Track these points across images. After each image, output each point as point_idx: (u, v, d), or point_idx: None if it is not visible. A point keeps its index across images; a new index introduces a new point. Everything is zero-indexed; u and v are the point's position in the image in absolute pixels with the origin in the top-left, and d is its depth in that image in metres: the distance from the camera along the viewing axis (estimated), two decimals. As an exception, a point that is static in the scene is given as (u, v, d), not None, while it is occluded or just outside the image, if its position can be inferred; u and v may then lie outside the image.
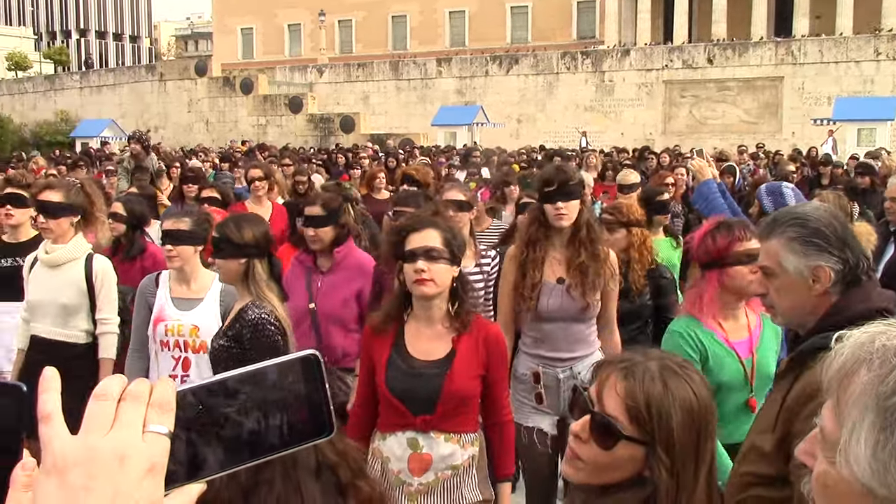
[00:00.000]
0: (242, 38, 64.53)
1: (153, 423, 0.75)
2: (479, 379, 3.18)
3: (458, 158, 16.65)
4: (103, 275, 4.43)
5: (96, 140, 31.57)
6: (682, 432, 1.67)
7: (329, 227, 4.55)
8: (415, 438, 3.15)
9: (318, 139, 33.96)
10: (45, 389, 0.76)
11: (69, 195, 4.40)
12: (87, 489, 0.71)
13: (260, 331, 3.56)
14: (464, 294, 3.20)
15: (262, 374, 0.83)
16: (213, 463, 0.80)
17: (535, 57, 40.80)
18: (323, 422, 0.85)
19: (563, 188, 3.89)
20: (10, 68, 68.94)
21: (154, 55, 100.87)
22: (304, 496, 1.35)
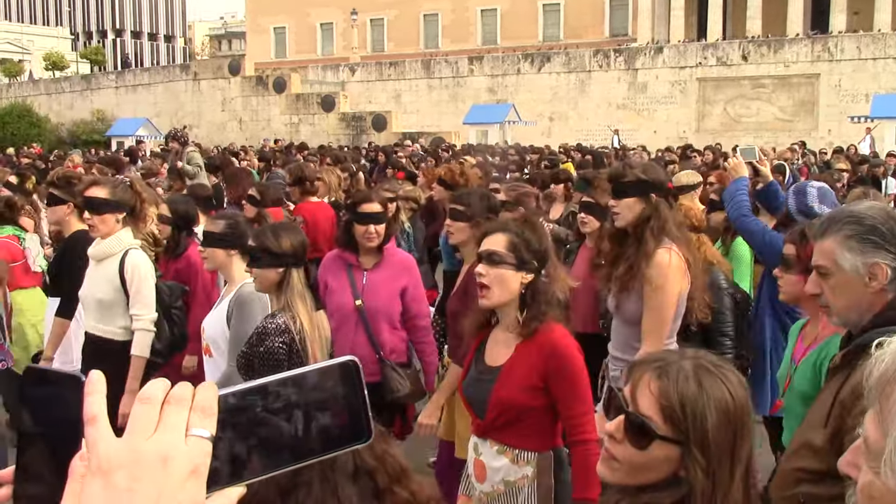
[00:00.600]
0: (275, 38, 64.92)
1: (196, 427, 0.76)
2: (536, 391, 3.03)
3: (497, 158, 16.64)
4: (134, 270, 4.38)
5: (131, 139, 31.93)
6: (717, 432, 1.66)
7: (384, 224, 4.54)
8: (476, 443, 3.15)
9: (349, 138, 34.07)
10: (90, 392, 0.76)
11: (115, 192, 4.42)
12: (131, 491, 0.72)
13: (262, 341, 3.58)
14: (533, 301, 3.07)
15: (302, 378, 0.84)
16: (253, 466, 0.81)
17: (567, 55, 40.64)
18: (361, 427, 0.86)
19: (615, 185, 3.86)
20: (47, 68, 69.95)
21: (188, 55, 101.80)
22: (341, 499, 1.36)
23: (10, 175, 9.25)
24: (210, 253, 4.12)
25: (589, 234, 5.18)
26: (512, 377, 3.03)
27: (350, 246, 4.57)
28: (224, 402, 0.79)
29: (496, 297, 3.06)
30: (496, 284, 3.04)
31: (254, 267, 3.68)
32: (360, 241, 4.49)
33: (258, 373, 3.54)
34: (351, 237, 4.53)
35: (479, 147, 22.06)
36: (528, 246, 3.07)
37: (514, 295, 3.06)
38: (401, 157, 15.97)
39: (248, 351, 3.64)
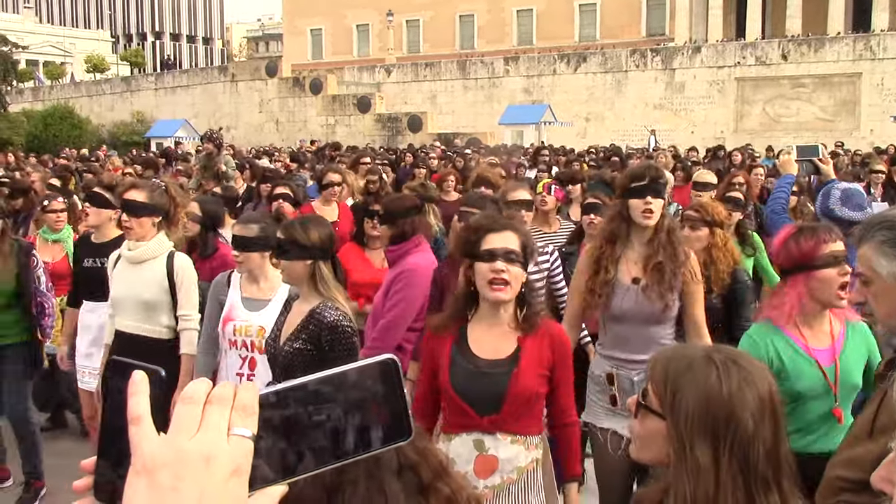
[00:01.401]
0: (312, 39, 65.33)
1: (237, 426, 0.77)
2: (544, 379, 3.16)
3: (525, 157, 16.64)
4: (184, 272, 4.50)
5: (170, 140, 32.30)
6: (695, 415, 1.71)
7: (384, 226, 4.64)
8: (480, 440, 3.13)
9: (385, 139, 34.18)
10: (134, 392, 0.78)
11: (152, 195, 4.49)
12: (174, 490, 0.72)
13: (339, 333, 3.58)
14: (531, 297, 3.20)
15: (342, 377, 0.84)
16: (294, 465, 0.81)
17: (604, 55, 40.43)
18: (402, 425, 0.86)
19: (654, 184, 3.83)
20: (88, 70, 70.99)
21: (226, 56, 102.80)
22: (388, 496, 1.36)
23: (52, 177, 9.39)
24: (245, 257, 4.14)
25: (592, 235, 5.18)
26: (528, 368, 3.10)
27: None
28: (265, 401, 0.80)
29: (512, 294, 3.11)
30: (514, 282, 3.09)
31: (282, 259, 3.70)
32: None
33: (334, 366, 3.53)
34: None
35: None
36: (529, 245, 3.19)
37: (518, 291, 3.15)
38: (432, 157, 15.98)
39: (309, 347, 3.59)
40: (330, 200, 7.26)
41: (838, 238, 3.20)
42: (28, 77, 58.79)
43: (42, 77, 65.40)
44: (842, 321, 3.31)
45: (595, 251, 3.96)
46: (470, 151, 17.73)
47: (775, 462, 1.72)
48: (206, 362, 4.32)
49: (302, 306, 3.70)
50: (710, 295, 4.68)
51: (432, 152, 16.29)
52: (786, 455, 1.75)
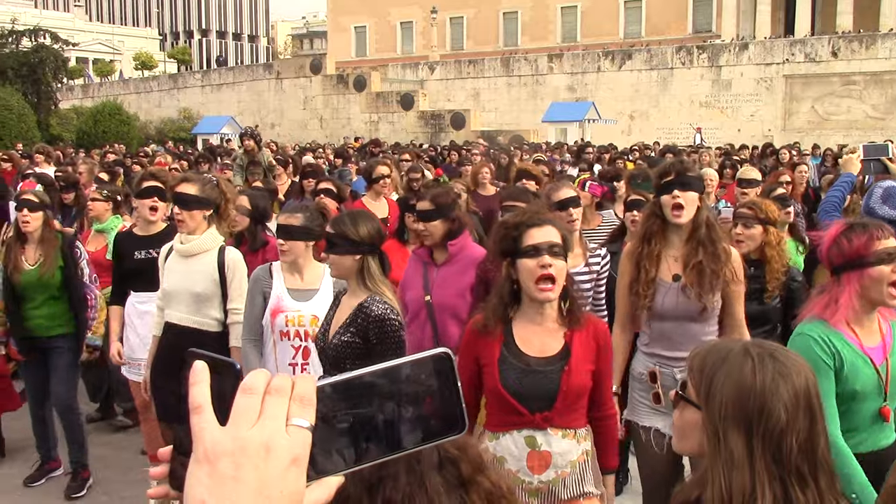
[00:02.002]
0: (356, 37, 65.63)
1: (296, 417, 0.78)
2: (591, 373, 3.19)
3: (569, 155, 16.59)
4: (235, 266, 4.55)
5: (216, 136, 32.68)
6: (729, 405, 1.73)
7: (438, 220, 4.57)
8: (532, 436, 3.13)
9: (428, 136, 34.25)
10: (195, 382, 0.79)
11: (203, 189, 4.54)
12: (235, 479, 0.74)
13: (387, 326, 3.62)
14: (572, 291, 3.18)
15: (396, 370, 0.85)
16: (350, 456, 0.82)
17: (649, 52, 40.03)
18: (455, 418, 0.86)
19: (681, 178, 3.80)
20: (136, 68, 72.07)
21: (271, 54, 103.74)
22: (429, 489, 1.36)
23: (101, 172, 9.55)
24: (290, 245, 4.17)
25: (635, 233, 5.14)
26: (579, 363, 3.12)
27: (423, 243, 4.70)
28: (321, 392, 0.80)
29: (558, 291, 3.09)
30: (559, 276, 3.08)
31: (331, 253, 3.73)
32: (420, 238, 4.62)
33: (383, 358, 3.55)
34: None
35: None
36: (568, 239, 3.18)
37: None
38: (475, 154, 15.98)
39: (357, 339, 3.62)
40: (380, 194, 7.27)
41: (891, 234, 3.13)
42: (78, 74, 59.86)
43: (92, 74, 66.58)
44: (887, 320, 3.25)
45: (634, 251, 3.94)
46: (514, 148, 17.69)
47: (811, 457, 1.71)
48: (253, 354, 4.36)
49: (350, 300, 3.74)
50: (764, 294, 4.63)
51: (475, 149, 16.27)
52: (823, 452, 1.74)
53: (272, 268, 4.40)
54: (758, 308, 4.51)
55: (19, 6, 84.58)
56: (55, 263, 5.41)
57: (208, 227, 4.59)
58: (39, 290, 5.42)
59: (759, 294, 4.58)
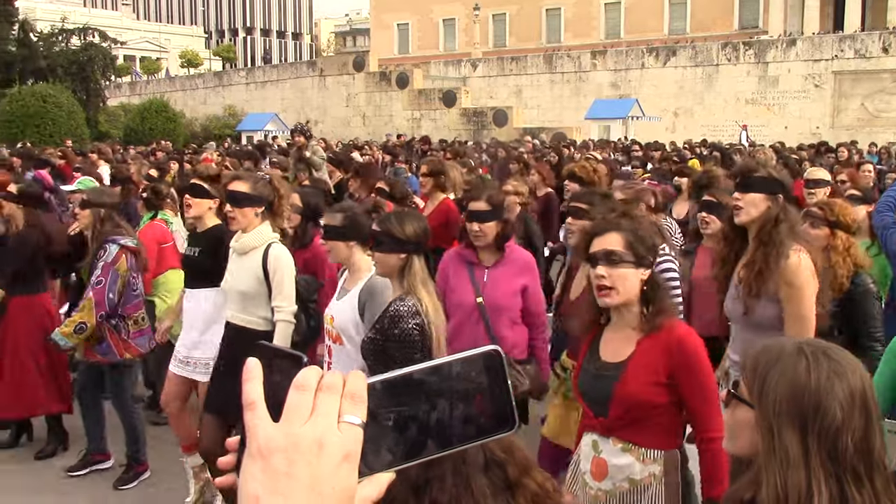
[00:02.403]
0: (399, 34, 65.86)
1: (347, 414, 0.78)
2: (661, 387, 2.98)
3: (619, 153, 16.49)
4: (276, 263, 4.50)
5: (260, 133, 32.99)
6: (784, 403, 1.71)
7: (493, 221, 4.53)
8: (596, 441, 3.11)
9: (471, 133, 34.24)
10: (248, 379, 0.79)
11: (255, 187, 4.56)
12: (288, 475, 0.74)
13: (395, 324, 3.63)
14: (654, 296, 3.05)
15: (446, 367, 0.85)
16: (400, 453, 0.82)
17: (694, 48, 39.59)
18: (506, 416, 0.86)
19: (743, 179, 3.74)
20: (182, 65, 73.09)
21: (314, 51, 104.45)
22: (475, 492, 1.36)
23: (151, 168, 9.68)
24: (332, 245, 4.18)
25: (710, 235, 5.06)
26: (637, 373, 2.99)
27: (470, 242, 4.60)
28: (372, 389, 0.81)
29: (620, 297, 3.02)
30: (619, 284, 3.01)
31: (376, 251, 3.75)
32: (470, 238, 4.54)
33: (392, 356, 3.59)
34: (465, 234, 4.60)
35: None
36: (643, 242, 3.07)
37: (636, 293, 3.04)
38: (522, 152, 15.97)
39: (378, 336, 3.68)
40: (429, 194, 7.26)
41: None
42: (126, 72, 60.82)
43: (139, 72, 67.62)
44: None
45: (718, 252, 3.93)
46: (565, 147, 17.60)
47: (866, 457, 1.69)
48: None
49: (391, 298, 3.78)
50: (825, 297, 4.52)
51: (521, 146, 16.23)
52: (879, 453, 1.72)
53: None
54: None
55: (69, 5, 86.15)
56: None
57: (261, 223, 4.60)
58: None
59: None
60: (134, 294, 5.62)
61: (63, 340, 5.43)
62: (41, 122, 30.52)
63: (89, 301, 5.42)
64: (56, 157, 12.88)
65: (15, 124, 30.43)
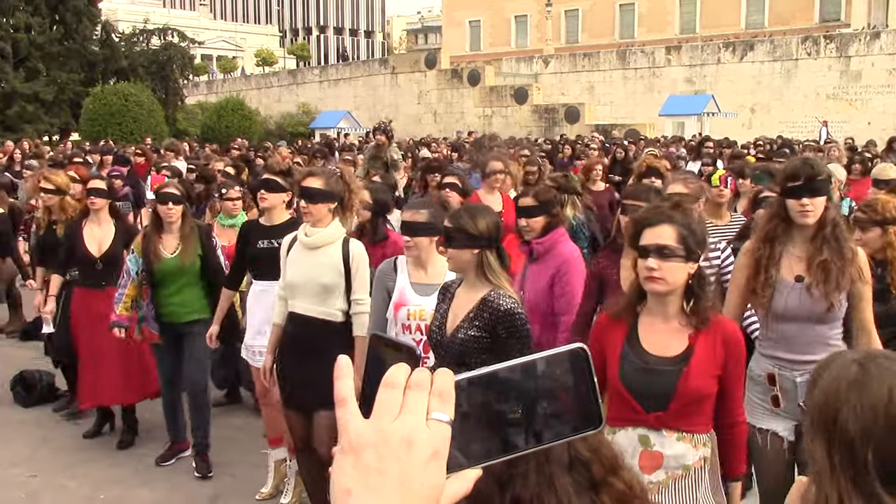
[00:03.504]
0: (470, 31, 65.81)
1: (435, 411, 0.79)
2: (715, 378, 3.08)
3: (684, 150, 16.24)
4: (359, 258, 4.61)
5: (333, 130, 33.37)
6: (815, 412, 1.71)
7: (541, 216, 4.59)
8: (646, 435, 3.11)
9: (542, 130, 34.08)
10: (339, 376, 0.81)
11: (329, 182, 4.63)
12: (379, 471, 0.76)
13: (516, 320, 3.66)
14: (700, 290, 3.10)
15: (531, 365, 0.85)
16: (487, 450, 0.83)
17: (772, 42, 38.64)
18: (591, 415, 0.87)
19: (810, 184, 3.67)
20: (258, 64, 74.32)
21: (386, 49, 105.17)
22: (558, 490, 1.36)
23: (227, 166, 9.89)
24: (415, 242, 4.24)
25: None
26: (700, 367, 3.04)
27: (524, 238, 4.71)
28: (459, 387, 0.82)
29: (668, 287, 3.05)
30: (668, 276, 3.03)
31: (449, 247, 3.75)
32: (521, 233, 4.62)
33: (506, 352, 3.58)
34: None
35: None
36: (694, 236, 3.07)
37: (681, 285, 3.06)
38: (592, 149, 15.83)
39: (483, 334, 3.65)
40: (493, 189, 7.28)
41: None
42: (203, 71, 62.14)
43: (216, 71, 69.03)
44: None
45: (754, 250, 3.84)
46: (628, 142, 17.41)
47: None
48: None
49: (470, 294, 3.75)
50: (887, 296, 4.44)
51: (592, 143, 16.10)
52: None
53: (397, 262, 4.49)
54: (883, 308, 4.29)
55: (149, 6, 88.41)
56: (195, 252, 5.72)
57: (333, 219, 4.67)
58: (177, 277, 5.70)
59: (883, 294, 4.38)
60: None
61: (118, 323, 5.75)
62: (122, 120, 31.43)
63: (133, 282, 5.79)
64: (136, 154, 13.22)
65: (97, 122, 31.40)
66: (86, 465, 6.07)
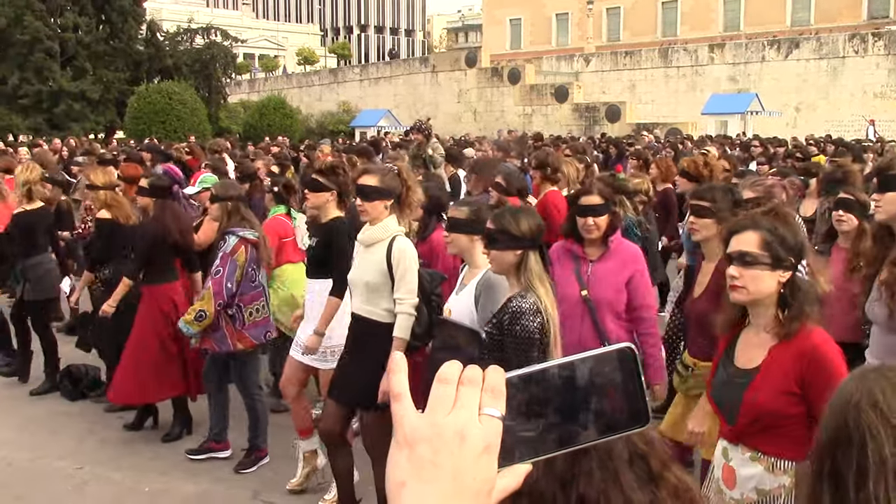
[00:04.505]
0: (511, 29, 65.70)
1: (487, 406, 0.81)
2: (793, 397, 2.86)
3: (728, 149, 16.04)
4: (400, 255, 4.53)
5: (373, 129, 33.50)
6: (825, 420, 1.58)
7: (606, 216, 4.55)
8: (726, 448, 3.05)
9: (582, 128, 33.92)
10: (394, 371, 0.83)
11: (384, 179, 4.60)
12: (433, 463, 0.78)
13: (517, 320, 3.62)
14: (794, 300, 2.91)
15: (580, 363, 0.87)
16: (535, 446, 0.85)
17: (819, 40, 38.04)
18: (639, 412, 0.88)
19: (880, 178, 3.60)
20: (299, 63, 74.92)
21: (427, 48, 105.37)
22: (623, 485, 1.36)
23: (273, 164, 9.96)
24: (454, 238, 4.24)
25: (845, 233, 4.87)
26: (767, 381, 2.88)
27: (575, 237, 4.62)
28: (509, 383, 0.83)
29: (750, 297, 2.93)
30: (750, 285, 2.91)
31: (492, 248, 3.75)
32: (581, 233, 4.55)
33: (509, 352, 3.60)
34: (575, 228, 4.59)
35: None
36: (783, 242, 2.92)
37: (771, 294, 2.91)
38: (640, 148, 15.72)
39: (495, 331, 3.69)
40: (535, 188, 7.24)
41: None
42: (245, 69, 62.84)
43: (258, 69, 69.69)
44: None
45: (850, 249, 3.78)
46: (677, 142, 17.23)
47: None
48: None
49: (507, 294, 3.79)
50: None
51: (639, 143, 15.94)
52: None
53: None
54: None
55: (193, 5, 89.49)
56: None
57: (389, 216, 4.64)
58: None
59: None
60: (252, 285, 5.75)
61: (186, 328, 5.67)
62: (166, 118, 31.89)
63: (209, 290, 5.63)
64: (183, 152, 13.34)
65: (142, 120, 31.88)
66: (130, 458, 6.15)
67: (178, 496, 5.59)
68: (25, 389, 7.62)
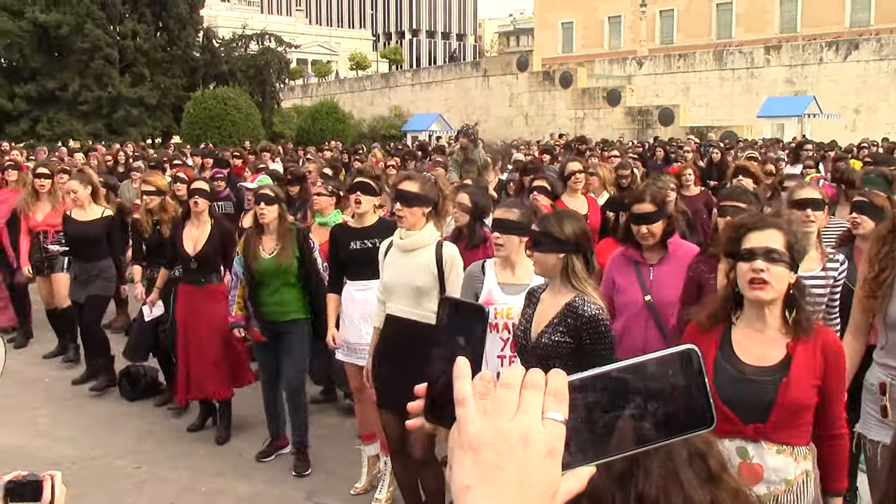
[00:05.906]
0: (563, 33, 65.40)
1: (551, 410, 0.82)
2: (815, 389, 3.00)
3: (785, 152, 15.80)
4: (452, 260, 4.68)
5: (425, 133, 33.63)
6: None
7: (660, 221, 4.54)
8: (744, 447, 3.03)
9: (635, 132, 33.65)
10: (459, 377, 0.84)
11: (424, 187, 4.71)
12: (498, 467, 0.78)
13: (601, 326, 3.66)
14: (801, 300, 3.02)
15: (642, 366, 0.87)
16: (600, 448, 0.86)
17: (879, 41, 37.18)
18: (703, 414, 0.88)
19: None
20: (351, 68, 75.42)
21: (478, 52, 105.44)
22: (683, 483, 1.38)
23: (325, 167, 10.05)
24: (506, 239, 4.31)
25: (861, 236, 4.83)
26: (800, 377, 2.96)
27: (633, 242, 4.65)
28: (572, 387, 0.84)
29: (773, 294, 2.97)
30: (776, 282, 2.95)
31: (535, 251, 3.78)
32: (637, 240, 4.60)
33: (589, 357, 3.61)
34: (632, 234, 4.63)
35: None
36: (799, 244, 3.02)
37: (783, 293, 2.98)
38: (687, 151, 15.57)
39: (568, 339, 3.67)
40: (575, 191, 7.22)
41: None
42: (298, 75, 63.50)
43: (311, 74, 70.39)
44: None
45: (872, 250, 3.72)
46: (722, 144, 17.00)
47: None
48: None
49: (556, 299, 3.77)
50: None
51: (686, 146, 15.79)
52: None
53: (485, 264, 4.53)
54: None
55: (247, 12, 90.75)
56: (292, 253, 5.84)
57: (427, 223, 4.73)
58: (276, 277, 5.83)
59: None
60: None
61: (236, 324, 5.99)
62: (221, 123, 32.31)
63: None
64: (233, 157, 13.58)
65: (198, 126, 32.36)
66: (187, 458, 6.27)
67: (232, 496, 5.69)
68: (87, 389, 7.81)
